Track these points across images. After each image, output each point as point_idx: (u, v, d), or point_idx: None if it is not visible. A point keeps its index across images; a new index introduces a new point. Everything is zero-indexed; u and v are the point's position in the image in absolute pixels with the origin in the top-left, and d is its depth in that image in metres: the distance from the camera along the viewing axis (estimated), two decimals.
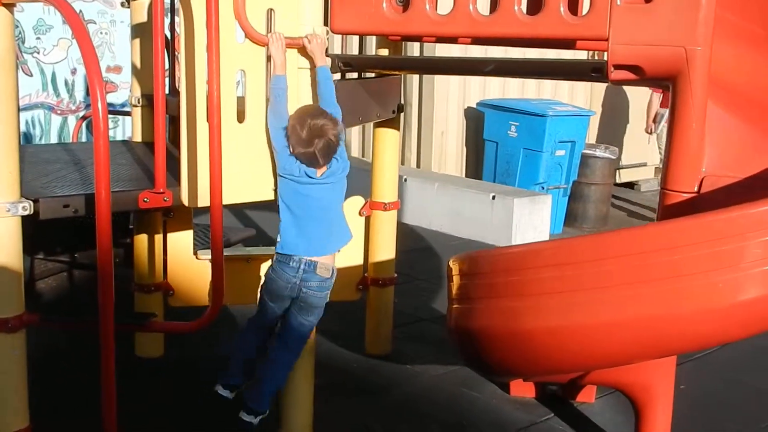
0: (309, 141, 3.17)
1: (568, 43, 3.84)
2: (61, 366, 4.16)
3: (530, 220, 7.28)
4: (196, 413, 3.77)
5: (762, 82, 3.31)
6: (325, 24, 3.56)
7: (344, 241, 3.48)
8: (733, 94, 3.29)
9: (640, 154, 10.49)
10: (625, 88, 9.91)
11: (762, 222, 2.69)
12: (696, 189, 3.13)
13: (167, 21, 4.14)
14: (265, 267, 4.09)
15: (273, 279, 3.37)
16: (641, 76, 3.13)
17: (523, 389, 4.09)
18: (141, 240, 4.11)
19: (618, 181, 9.43)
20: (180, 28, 3.09)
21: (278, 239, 3.37)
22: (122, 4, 4.31)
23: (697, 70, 3.01)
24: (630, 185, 10.53)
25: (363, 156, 9.46)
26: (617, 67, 3.12)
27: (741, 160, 3.18)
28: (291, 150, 3.21)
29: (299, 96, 3.34)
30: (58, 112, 7.98)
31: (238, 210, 7.29)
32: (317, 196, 3.32)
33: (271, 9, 3.21)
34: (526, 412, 3.95)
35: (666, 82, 3.16)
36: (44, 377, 3.78)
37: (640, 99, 9.80)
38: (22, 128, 7.67)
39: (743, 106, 3.28)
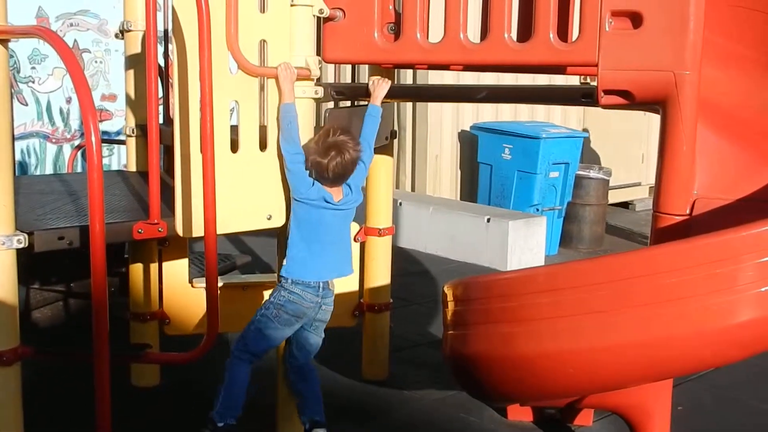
0: (325, 152, 3.29)
1: (559, 69, 3.87)
2: (57, 394, 4.14)
3: (525, 242, 7.29)
4: None
5: (751, 104, 3.34)
6: (318, 54, 3.59)
7: (348, 272, 3.60)
8: (723, 116, 3.32)
9: (634, 173, 10.54)
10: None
11: (754, 244, 2.71)
12: (688, 211, 3.15)
13: (161, 49, 4.17)
14: (260, 293, 4.11)
15: (294, 302, 3.41)
16: (631, 101, 3.16)
17: (520, 414, 4.08)
18: (136, 269, 4.11)
19: (613, 201, 9.46)
20: (173, 57, 3.11)
21: (285, 262, 3.43)
22: (116, 36, 4.33)
23: (686, 93, 3.04)
24: (625, 205, 10.56)
25: None
26: (607, 92, 3.14)
27: (732, 182, 3.20)
28: (307, 164, 3.31)
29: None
30: (53, 140, 8.00)
31: (234, 236, 7.29)
32: (330, 221, 3.41)
33: (264, 40, 3.24)
34: None
35: (656, 106, 3.19)
36: (39, 406, 3.77)
37: (632, 120, 9.85)
38: (18, 157, 7.68)
39: (733, 129, 3.31)
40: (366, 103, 3.79)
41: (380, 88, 3.64)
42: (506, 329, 3.08)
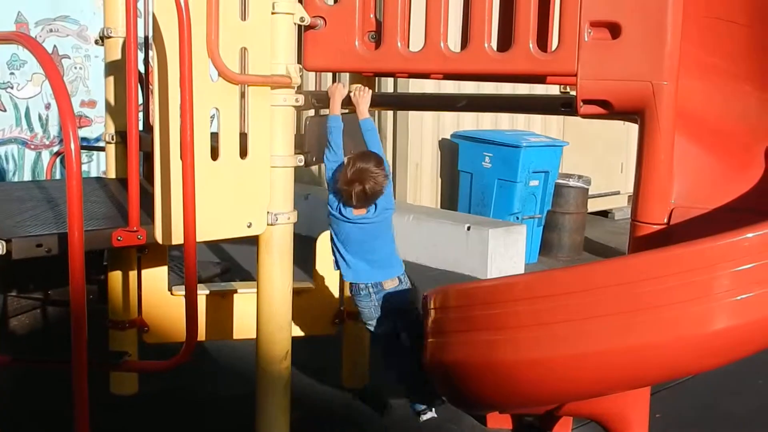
0: (350, 181, 3.48)
1: (539, 78, 3.90)
2: (34, 402, 4.11)
3: (505, 250, 7.31)
4: None
5: (728, 115, 3.37)
6: (299, 62, 3.60)
7: (392, 275, 3.79)
8: (701, 126, 3.35)
9: (613, 183, 10.59)
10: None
11: (730, 253, 2.73)
12: (666, 220, 3.17)
13: (141, 56, 4.16)
14: (240, 302, 4.11)
15: (360, 310, 3.81)
16: (610, 111, 3.19)
17: (499, 421, 4.09)
18: (115, 276, 4.09)
19: (592, 210, 9.51)
20: (154, 64, 3.11)
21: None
22: (96, 42, 4.31)
23: (664, 103, 3.07)
24: (604, 214, 10.61)
25: None
26: (586, 101, 3.17)
27: (709, 191, 3.23)
28: (335, 184, 3.56)
29: (273, 134, 3.37)
30: (32, 147, 7.96)
31: (214, 244, 7.27)
32: (348, 232, 3.66)
33: (245, 47, 3.24)
34: None
35: (634, 115, 3.21)
36: (16, 414, 3.74)
37: (611, 129, 9.91)
38: None
39: (710, 139, 3.34)
40: (348, 111, 3.80)
41: (363, 99, 3.68)
42: (486, 337, 3.09)
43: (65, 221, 2.78)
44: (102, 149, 4.54)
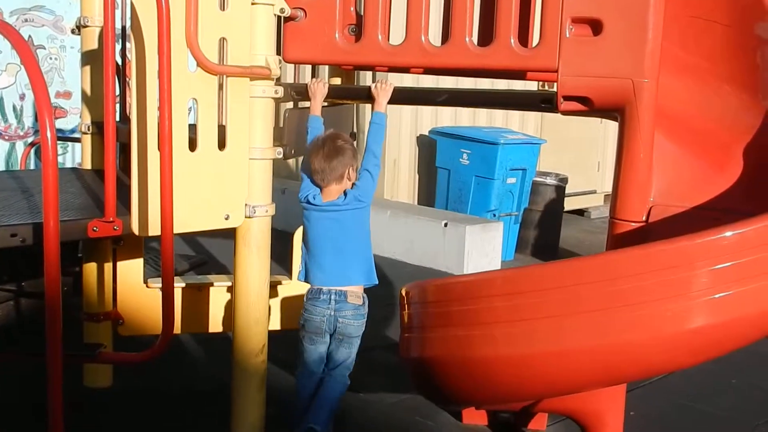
0: (321, 141, 3.48)
1: (519, 74, 3.89)
2: (7, 395, 4.06)
3: (482, 247, 7.32)
4: None
5: (707, 114, 3.39)
6: (278, 53, 3.57)
7: (369, 280, 3.62)
8: (680, 125, 3.36)
9: (590, 181, 10.64)
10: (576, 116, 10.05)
11: (708, 252, 2.75)
12: (644, 218, 3.18)
13: (118, 47, 4.12)
14: (216, 295, 4.08)
15: (307, 318, 3.53)
16: (590, 107, 3.19)
17: (475, 417, 4.09)
18: (90, 268, 4.04)
19: (568, 208, 9.55)
20: (131, 55, 3.07)
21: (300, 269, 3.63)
22: (73, 31, 4.26)
23: (645, 101, 3.08)
24: (580, 212, 10.66)
25: None
26: (566, 98, 3.17)
27: (688, 190, 3.25)
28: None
29: (252, 125, 3.34)
30: (6, 137, 7.86)
31: (191, 237, 7.22)
32: (317, 223, 3.54)
33: (224, 38, 3.21)
34: None
35: (614, 113, 3.22)
36: None
37: (589, 128, 9.95)
38: None
39: (690, 138, 3.35)
40: (327, 104, 3.78)
41: (384, 92, 3.58)
42: (462, 332, 3.08)
43: (40, 211, 2.75)
44: (77, 140, 4.49)
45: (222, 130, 3.29)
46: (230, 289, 3.87)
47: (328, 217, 3.53)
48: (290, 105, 4.18)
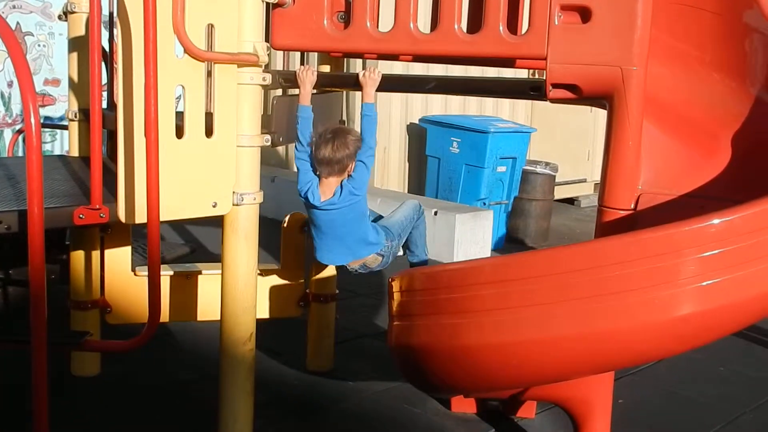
0: (328, 138, 3.62)
1: (508, 62, 3.88)
2: None
3: (472, 235, 7.32)
4: None
5: (696, 102, 3.38)
6: (266, 40, 3.55)
7: (370, 252, 3.88)
8: (669, 113, 3.36)
9: (580, 170, 10.65)
10: (566, 105, 10.05)
11: (696, 239, 2.74)
12: (632, 206, 3.18)
13: (106, 34, 4.09)
14: (204, 283, 4.07)
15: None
16: (579, 95, 3.18)
17: (464, 405, 4.09)
18: (77, 256, 4.03)
19: (558, 197, 9.56)
20: (118, 40, 3.05)
21: None
22: (59, 17, 4.23)
23: (633, 89, 3.07)
24: (570, 201, 10.67)
25: None
26: (555, 85, 3.16)
27: (676, 178, 3.24)
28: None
29: (240, 113, 3.33)
30: None
31: (179, 225, 7.20)
32: (317, 218, 3.76)
33: (211, 24, 3.19)
34: (467, 428, 3.96)
35: (603, 100, 3.21)
36: None
37: (579, 117, 9.95)
38: None
39: (678, 126, 3.35)
40: (316, 92, 3.77)
41: (371, 80, 3.60)
42: (451, 320, 3.08)
43: (26, 198, 2.73)
44: (65, 128, 4.46)
45: (209, 118, 3.27)
46: (218, 278, 3.86)
47: (326, 214, 3.72)
48: (279, 92, 4.17)
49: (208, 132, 3.25)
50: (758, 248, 2.74)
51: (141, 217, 3.05)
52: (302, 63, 4.66)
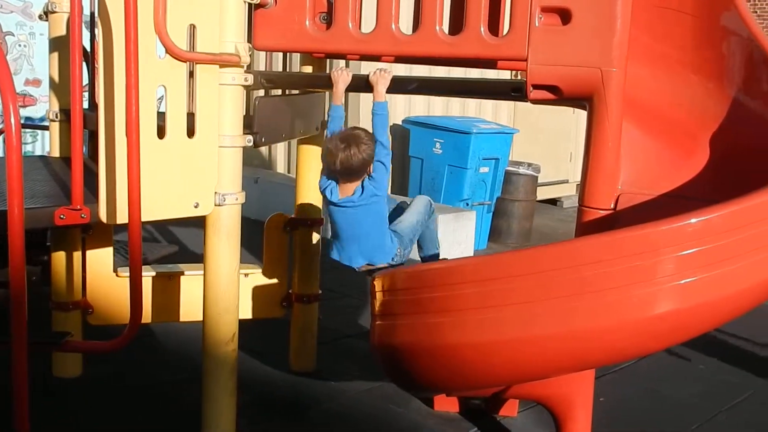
0: (340, 140, 3.56)
1: (490, 63, 3.90)
2: None
3: (455, 235, 7.35)
4: None
5: (676, 103, 3.41)
6: (248, 40, 3.55)
7: (383, 259, 3.76)
8: (648, 114, 3.38)
9: (562, 171, 10.70)
10: (548, 106, 10.09)
11: (674, 238, 2.77)
12: (612, 206, 3.20)
13: (87, 34, 4.08)
14: (187, 284, 4.07)
15: None
16: (559, 96, 3.20)
17: (446, 404, 4.11)
18: (59, 257, 4.02)
19: (541, 198, 9.60)
20: (99, 41, 3.04)
21: None
22: (40, 17, 4.21)
23: (612, 90, 3.09)
24: (553, 202, 10.72)
25: (288, 172, 9.43)
26: (536, 86, 3.18)
27: (655, 178, 3.27)
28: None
29: (221, 113, 3.33)
30: None
31: (161, 225, 7.19)
32: (336, 216, 3.70)
33: (193, 24, 3.19)
34: (450, 427, 3.97)
35: (583, 101, 3.24)
36: None
37: (561, 118, 9.99)
38: None
39: (658, 127, 3.38)
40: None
41: (382, 80, 3.59)
42: (433, 320, 3.09)
43: (6, 199, 2.72)
44: (46, 128, 4.45)
45: (191, 118, 3.27)
46: (201, 278, 3.86)
47: (344, 212, 3.67)
48: (261, 93, 4.17)
49: (190, 132, 3.25)
50: (735, 247, 2.77)
51: (123, 218, 3.04)
52: (284, 63, 4.66)
